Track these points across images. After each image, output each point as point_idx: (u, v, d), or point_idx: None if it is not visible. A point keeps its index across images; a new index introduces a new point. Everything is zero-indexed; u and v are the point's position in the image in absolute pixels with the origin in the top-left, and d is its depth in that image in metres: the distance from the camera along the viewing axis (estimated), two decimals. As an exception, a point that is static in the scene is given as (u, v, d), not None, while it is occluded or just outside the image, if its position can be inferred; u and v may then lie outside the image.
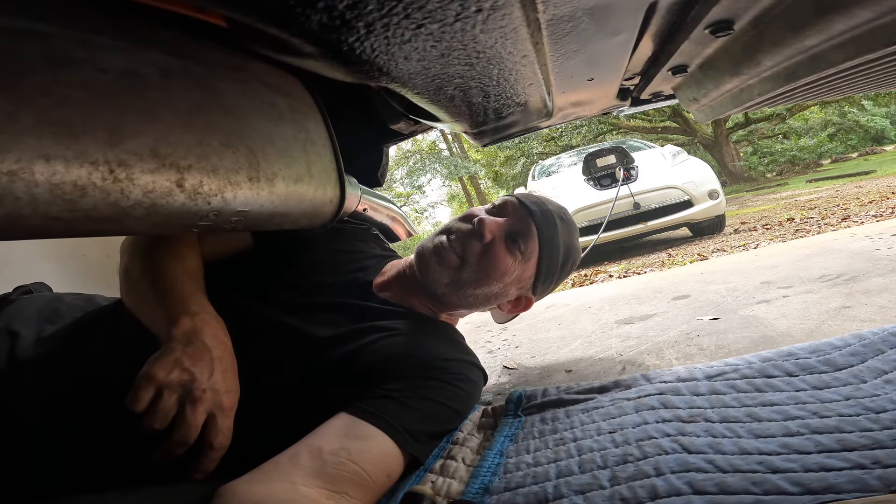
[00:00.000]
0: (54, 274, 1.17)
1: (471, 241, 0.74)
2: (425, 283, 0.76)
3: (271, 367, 0.64)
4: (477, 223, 0.74)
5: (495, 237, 0.75)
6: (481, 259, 0.74)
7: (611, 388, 0.76)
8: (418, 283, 0.77)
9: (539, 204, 0.81)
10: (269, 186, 0.52)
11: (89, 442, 0.59)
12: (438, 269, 0.74)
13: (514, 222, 0.78)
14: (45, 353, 0.60)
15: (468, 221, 0.77)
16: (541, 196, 0.85)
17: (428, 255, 0.75)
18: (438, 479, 0.59)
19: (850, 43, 0.43)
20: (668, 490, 0.48)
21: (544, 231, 0.79)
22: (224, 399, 0.57)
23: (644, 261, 3.31)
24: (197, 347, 0.56)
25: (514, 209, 0.80)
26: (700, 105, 0.80)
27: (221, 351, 0.59)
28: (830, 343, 0.73)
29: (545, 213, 0.80)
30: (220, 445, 0.55)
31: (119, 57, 0.41)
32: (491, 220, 0.76)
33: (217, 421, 0.55)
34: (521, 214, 0.79)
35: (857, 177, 6.58)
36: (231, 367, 0.60)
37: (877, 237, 1.55)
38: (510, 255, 0.76)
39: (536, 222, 0.78)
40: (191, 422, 0.53)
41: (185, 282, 0.63)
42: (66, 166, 0.36)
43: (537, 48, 0.44)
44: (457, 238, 0.75)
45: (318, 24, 0.25)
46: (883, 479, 0.43)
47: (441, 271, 0.74)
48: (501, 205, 0.81)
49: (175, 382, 0.53)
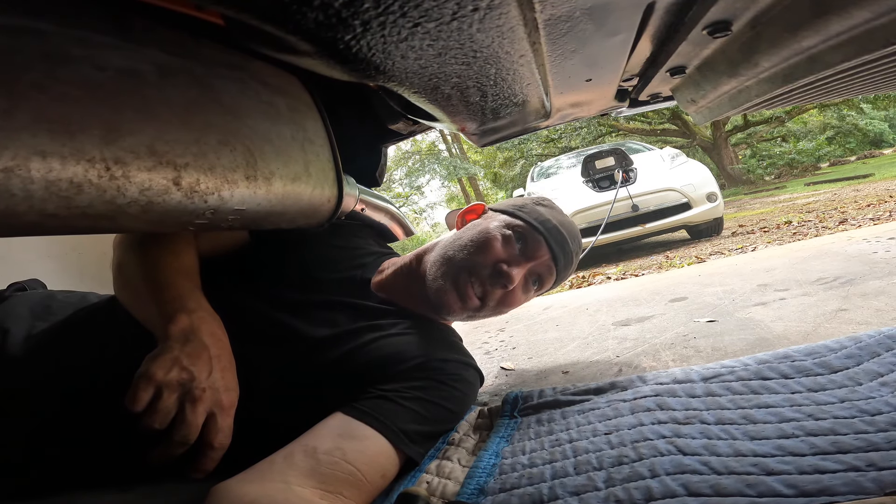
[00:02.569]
0: (50, 271, 1.17)
1: (494, 289, 0.74)
2: (438, 312, 0.76)
3: (267, 365, 0.64)
4: (505, 276, 0.72)
5: (517, 284, 0.76)
6: (500, 301, 0.76)
7: (607, 390, 0.76)
8: (419, 288, 0.77)
9: (563, 244, 0.79)
10: (266, 185, 0.52)
11: (80, 440, 0.58)
12: (459, 309, 0.74)
13: (537, 266, 0.78)
14: (35, 351, 0.60)
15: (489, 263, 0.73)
16: (560, 219, 0.82)
17: (451, 299, 0.73)
18: (434, 479, 0.59)
19: (847, 44, 0.43)
20: (662, 492, 0.48)
21: (562, 273, 0.81)
22: (224, 398, 0.56)
23: (642, 263, 3.31)
24: (195, 346, 0.56)
25: (538, 249, 0.77)
26: (698, 106, 0.80)
27: (219, 349, 0.58)
28: (826, 345, 0.73)
29: (568, 257, 0.80)
30: (220, 445, 0.55)
31: (117, 55, 0.41)
32: (517, 272, 0.74)
33: (217, 420, 0.55)
34: (546, 259, 0.78)
35: (855, 180, 6.60)
36: (230, 365, 0.59)
37: (874, 240, 1.56)
38: (525, 294, 0.79)
39: (559, 268, 0.79)
40: (191, 421, 0.53)
41: (181, 278, 0.63)
42: (62, 163, 0.36)
43: (535, 48, 0.44)
44: (479, 283, 0.73)
45: (315, 22, 0.25)
46: (877, 481, 0.43)
47: (462, 311, 0.74)
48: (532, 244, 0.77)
49: (174, 382, 0.53)
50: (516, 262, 0.75)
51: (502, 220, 0.79)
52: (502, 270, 0.72)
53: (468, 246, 0.75)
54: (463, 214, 0.87)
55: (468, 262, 0.74)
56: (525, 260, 0.76)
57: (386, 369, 0.65)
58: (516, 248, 0.76)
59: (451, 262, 0.74)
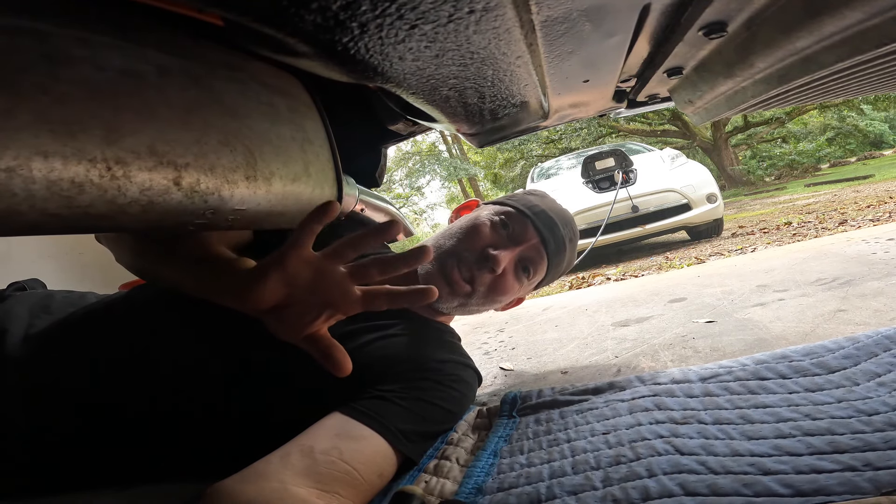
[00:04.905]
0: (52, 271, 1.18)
1: (482, 273, 0.75)
2: (432, 304, 0.76)
3: (264, 365, 0.64)
4: (492, 259, 0.73)
5: (506, 269, 0.76)
6: (490, 288, 0.76)
7: (605, 390, 0.76)
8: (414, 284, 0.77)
9: (552, 228, 0.79)
10: (266, 185, 0.52)
11: (78, 441, 0.58)
12: (450, 297, 0.75)
13: (526, 251, 0.78)
14: (33, 351, 0.60)
15: (477, 249, 0.75)
16: (550, 206, 0.83)
17: (438, 283, 0.74)
18: (432, 478, 0.59)
19: (841, 44, 0.43)
20: (659, 491, 0.48)
21: (554, 258, 0.80)
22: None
23: (641, 264, 3.31)
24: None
25: (526, 232, 0.78)
26: (695, 107, 0.80)
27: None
28: (824, 346, 0.74)
29: (558, 241, 0.80)
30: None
31: (118, 55, 0.41)
32: (504, 255, 0.74)
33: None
34: (535, 243, 0.78)
35: (856, 181, 6.59)
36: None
37: (873, 241, 1.56)
38: (517, 282, 0.79)
39: (549, 252, 0.79)
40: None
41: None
42: (63, 163, 0.36)
43: (532, 49, 0.45)
44: (466, 267, 0.74)
45: (313, 24, 0.26)
46: (874, 481, 0.44)
47: (452, 298, 0.75)
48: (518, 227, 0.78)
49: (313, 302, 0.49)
50: (504, 246, 0.76)
51: (491, 209, 0.81)
52: (489, 254, 0.73)
53: (457, 233, 0.77)
54: (457, 210, 0.88)
55: (455, 248, 0.76)
56: (513, 244, 0.77)
57: (384, 370, 0.65)
58: (504, 234, 0.77)
59: (440, 250, 0.76)
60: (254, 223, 0.55)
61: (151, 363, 0.61)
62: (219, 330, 0.63)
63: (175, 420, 0.60)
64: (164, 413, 0.60)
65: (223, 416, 0.61)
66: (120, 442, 0.59)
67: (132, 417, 0.59)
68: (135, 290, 0.69)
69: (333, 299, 0.48)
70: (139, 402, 0.60)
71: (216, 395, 0.61)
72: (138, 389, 0.60)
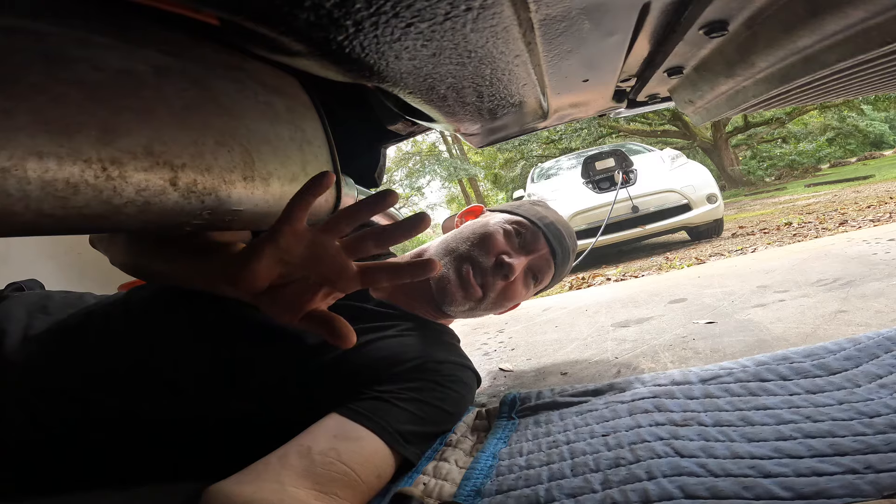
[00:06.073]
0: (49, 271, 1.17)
1: (496, 279, 0.77)
2: (441, 306, 0.78)
3: (263, 366, 0.64)
4: (507, 267, 0.76)
5: (517, 276, 0.79)
6: (500, 294, 0.79)
7: (605, 391, 0.76)
8: (418, 285, 0.77)
9: (560, 239, 0.83)
10: (264, 186, 0.52)
11: (77, 441, 0.58)
12: (462, 301, 0.77)
13: (536, 260, 0.81)
14: (31, 352, 0.60)
15: (491, 255, 0.77)
16: (556, 217, 0.87)
17: (453, 288, 0.76)
18: (431, 480, 0.59)
19: (843, 44, 0.43)
20: (659, 494, 0.47)
21: (560, 268, 0.85)
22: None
23: (642, 264, 3.31)
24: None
25: (537, 242, 0.81)
26: (695, 107, 0.80)
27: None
28: (825, 347, 0.73)
29: (565, 252, 0.84)
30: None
31: (115, 55, 0.41)
32: (519, 263, 0.77)
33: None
34: (545, 253, 0.82)
35: (856, 182, 6.59)
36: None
37: (874, 242, 1.55)
38: (525, 289, 0.82)
39: (557, 262, 0.83)
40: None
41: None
42: (58, 164, 0.36)
43: (530, 48, 0.44)
44: (480, 273, 0.76)
45: (306, 23, 0.25)
46: (875, 483, 0.43)
47: (464, 302, 0.77)
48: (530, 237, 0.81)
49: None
50: (517, 254, 0.79)
51: (501, 217, 0.83)
52: (504, 261, 0.76)
53: (470, 238, 0.79)
54: (462, 216, 0.89)
55: (470, 253, 0.77)
56: (525, 253, 0.80)
57: (382, 371, 0.65)
58: (516, 242, 0.80)
59: (454, 253, 0.78)
60: (252, 224, 0.55)
61: (150, 364, 0.61)
62: (218, 330, 0.63)
63: (174, 420, 0.60)
64: (162, 413, 0.60)
65: (222, 416, 0.61)
66: (119, 442, 0.59)
67: (131, 418, 0.59)
68: (133, 291, 0.69)
69: (330, 275, 0.46)
70: (138, 403, 0.59)
71: (215, 396, 0.61)
72: (137, 390, 0.60)
